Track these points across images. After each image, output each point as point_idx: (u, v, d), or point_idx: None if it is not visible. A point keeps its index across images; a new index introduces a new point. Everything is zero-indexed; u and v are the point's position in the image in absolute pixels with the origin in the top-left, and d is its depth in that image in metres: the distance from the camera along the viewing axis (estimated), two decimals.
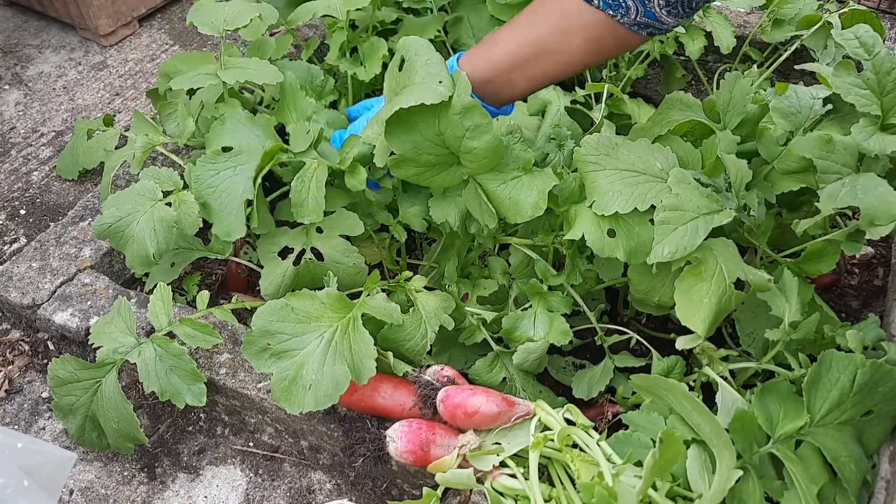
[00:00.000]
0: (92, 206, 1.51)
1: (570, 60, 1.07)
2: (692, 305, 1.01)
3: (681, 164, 1.09)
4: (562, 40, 1.05)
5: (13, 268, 1.40)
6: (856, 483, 0.99)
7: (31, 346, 1.41)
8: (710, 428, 0.92)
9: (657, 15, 0.98)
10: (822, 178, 1.12)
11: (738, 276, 1.04)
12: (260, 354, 1.07)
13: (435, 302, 1.19)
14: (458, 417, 1.06)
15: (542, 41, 1.06)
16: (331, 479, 1.24)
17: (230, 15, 1.43)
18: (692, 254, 1.01)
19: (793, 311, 1.13)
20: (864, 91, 1.14)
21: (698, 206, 1.02)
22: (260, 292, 1.53)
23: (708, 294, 1.01)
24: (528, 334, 1.18)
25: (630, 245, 1.06)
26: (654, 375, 1.05)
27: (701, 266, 1.02)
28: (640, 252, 1.06)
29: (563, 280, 1.21)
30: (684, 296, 1.02)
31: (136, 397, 1.32)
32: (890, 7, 1.94)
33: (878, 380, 1.00)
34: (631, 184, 1.05)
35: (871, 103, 1.14)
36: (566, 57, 1.07)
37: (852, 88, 1.14)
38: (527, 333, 1.18)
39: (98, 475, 1.25)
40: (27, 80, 1.97)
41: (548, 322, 1.18)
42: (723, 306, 1.03)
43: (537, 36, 1.07)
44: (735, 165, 1.09)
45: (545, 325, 1.18)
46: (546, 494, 0.96)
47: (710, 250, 1.04)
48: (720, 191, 1.08)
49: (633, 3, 0.98)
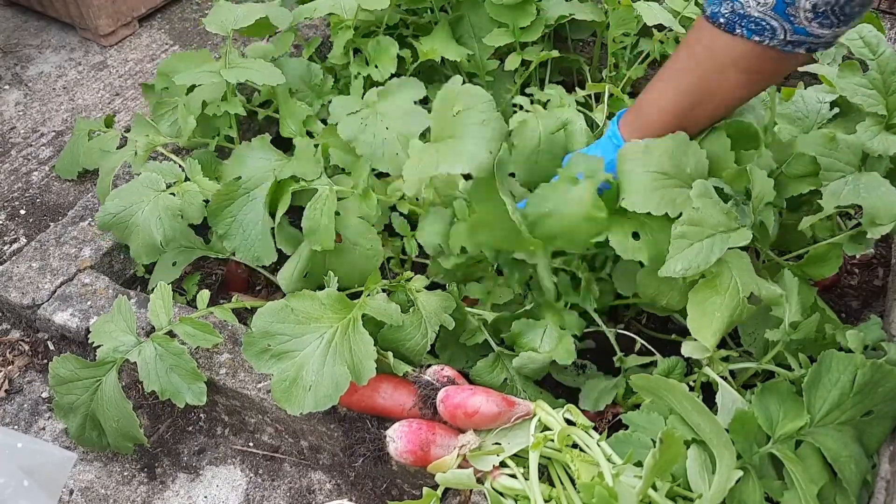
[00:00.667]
0: (92, 206, 1.51)
1: (732, 96, 1.03)
2: (705, 318, 1.00)
3: (713, 166, 1.07)
4: (719, 79, 1.01)
5: (13, 268, 1.40)
6: (856, 483, 0.99)
7: (31, 346, 1.41)
8: (710, 428, 0.92)
9: (808, 29, 0.93)
10: (825, 175, 1.12)
11: (752, 290, 1.03)
12: (260, 355, 1.07)
13: (435, 302, 1.19)
14: (458, 417, 1.06)
15: (699, 87, 1.03)
16: (331, 479, 1.24)
17: (240, 15, 1.45)
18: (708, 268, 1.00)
19: (793, 311, 1.13)
20: (871, 91, 1.15)
21: (717, 223, 1.00)
22: (260, 292, 1.53)
23: (721, 307, 1.01)
24: (533, 344, 1.17)
25: (653, 251, 1.05)
26: (654, 376, 1.05)
27: (716, 280, 1.01)
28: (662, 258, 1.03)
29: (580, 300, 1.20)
30: (697, 308, 1.01)
31: (136, 397, 1.32)
32: (890, 7, 1.94)
33: (878, 380, 1.00)
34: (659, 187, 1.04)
35: (877, 103, 1.14)
36: (727, 93, 1.03)
37: (858, 89, 1.14)
38: (532, 343, 1.17)
39: (98, 475, 1.25)
40: (27, 80, 1.97)
41: (556, 339, 1.17)
42: (734, 319, 1.02)
43: (692, 83, 1.03)
44: (761, 182, 1.07)
45: (553, 341, 1.17)
46: (546, 494, 0.97)
47: (725, 264, 1.03)
48: (739, 204, 1.06)
49: (777, 23, 0.93)
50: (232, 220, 1.27)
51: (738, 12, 0.94)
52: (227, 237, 1.27)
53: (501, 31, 1.62)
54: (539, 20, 1.61)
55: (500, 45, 1.63)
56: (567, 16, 1.65)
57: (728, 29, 0.96)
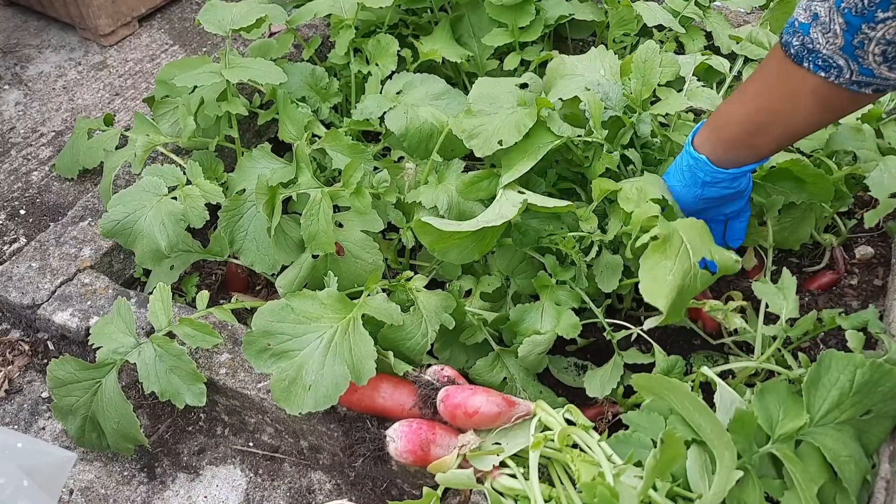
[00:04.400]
0: (92, 206, 1.51)
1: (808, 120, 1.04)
2: (656, 283, 1.00)
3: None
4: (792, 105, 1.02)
5: (13, 268, 1.40)
6: (856, 483, 0.99)
7: (31, 346, 1.41)
8: (711, 428, 0.92)
9: (875, 71, 0.93)
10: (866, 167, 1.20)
11: (704, 255, 1.04)
12: (260, 355, 1.07)
13: (435, 301, 1.19)
14: (458, 417, 1.06)
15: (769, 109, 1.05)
16: (331, 479, 1.24)
17: (237, 15, 1.44)
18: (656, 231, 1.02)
19: (790, 308, 1.14)
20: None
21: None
22: (259, 292, 1.53)
23: (672, 271, 1.01)
24: (534, 326, 1.18)
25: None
26: (656, 375, 1.05)
27: (665, 244, 1.02)
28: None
29: (570, 276, 1.21)
30: (649, 273, 1.01)
31: (135, 396, 1.32)
32: None
33: (878, 379, 1.00)
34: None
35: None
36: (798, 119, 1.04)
37: None
38: (533, 326, 1.19)
39: (98, 475, 1.25)
40: (27, 80, 1.97)
41: (555, 315, 1.19)
42: (687, 285, 1.02)
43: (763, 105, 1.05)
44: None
45: (553, 318, 1.19)
46: (546, 494, 0.96)
47: (674, 229, 1.04)
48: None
49: (844, 63, 0.93)
50: (244, 235, 1.28)
51: (808, 46, 0.95)
52: (242, 252, 1.28)
53: (501, 31, 1.63)
54: (538, 20, 1.62)
55: (500, 44, 1.63)
56: (567, 16, 1.65)
57: (797, 61, 0.97)
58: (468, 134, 1.26)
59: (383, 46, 1.55)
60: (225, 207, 1.27)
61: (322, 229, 1.19)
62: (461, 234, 1.14)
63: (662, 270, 1.01)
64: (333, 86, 1.55)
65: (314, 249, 1.20)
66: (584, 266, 1.22)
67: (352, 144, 1.32)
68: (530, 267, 1.28)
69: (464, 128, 1.27)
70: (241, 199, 1.28)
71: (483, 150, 1.24)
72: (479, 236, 1.17)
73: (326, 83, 1.55)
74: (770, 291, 1.17)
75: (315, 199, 1.21)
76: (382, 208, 1.31)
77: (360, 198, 1.23)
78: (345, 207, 1.27)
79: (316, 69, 1.55)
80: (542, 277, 1.22)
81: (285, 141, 1.40)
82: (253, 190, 1.26)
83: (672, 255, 1.02)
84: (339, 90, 1.56)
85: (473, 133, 1.26)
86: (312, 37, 1.70)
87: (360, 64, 1.56)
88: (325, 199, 1.21)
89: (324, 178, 1.38)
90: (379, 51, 1.55)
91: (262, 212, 1.19)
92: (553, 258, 1.23)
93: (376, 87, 1.51)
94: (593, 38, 1.89)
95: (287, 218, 1.26)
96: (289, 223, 1.26)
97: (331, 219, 1.21)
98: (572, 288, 1.22)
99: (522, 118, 1.22)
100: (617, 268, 1.20)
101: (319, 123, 1.47)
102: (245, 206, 1.28)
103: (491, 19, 1.63)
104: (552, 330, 1.17)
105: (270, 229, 1.20)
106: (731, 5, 1.73)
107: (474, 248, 1.19)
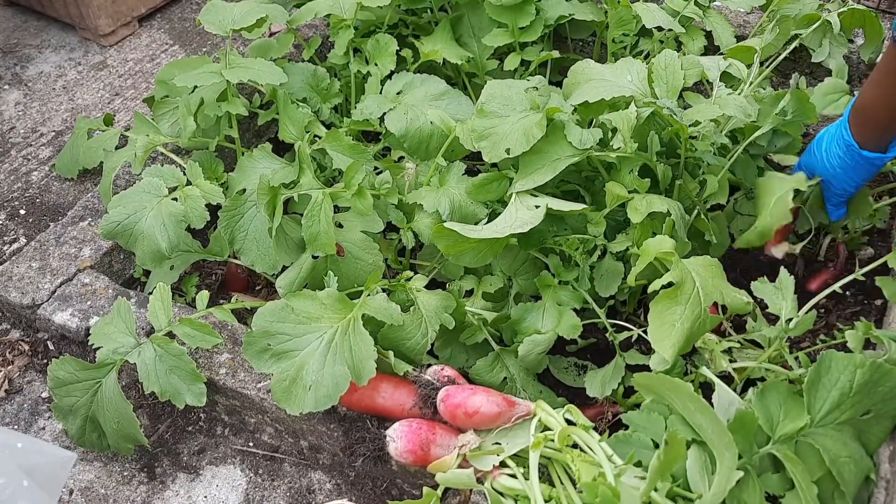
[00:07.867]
0: (92, 206, 1.50)
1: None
2: (664, 329, 1.01)
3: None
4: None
5: (13, 268, 1.40)
6: (855, 483, 0.99)
7: (31, 346, 1.41)
8: (712, 428, 0.92)
9: None
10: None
11: (716, 298, 1.04)
12: (260, 355, 1.07)
13: (435, 301, 1.19)
14: (458, 417, 1.06)
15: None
16: (331, 479, 1.24)
17: (238, 15, 1.44)
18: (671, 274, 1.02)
19: (789, 308, 1.13)
20: None
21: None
22: (259, 292, 1.53)
23: (681, 318, 1.01)
24: (535, 326, 1.19)
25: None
26: (657, 374, 1.05)
27: (678, 289, 1.02)
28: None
29: (573, 277, 1.22)
30: (657, 319, 1.02)
31: (135, 396, 1.32)
32: (890, 7, 1.94)
33: (878, 379, 1.00)
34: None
35: None
36: None
37: None
38: (534, 325, 1.19)
39: (98, 475, 1.25)
40: (27, 80, 1.97)
41: (557, 315, 1.19)
42: (695, 331, 1.03)
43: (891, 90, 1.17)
44: None
45: (554, 317, 1.19)
46: (546, 494, 0.96)
47: (688, 273, 1.04)
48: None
49: None
50: (245, 236, 1.28)
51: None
52: (242, 252, 1.28)
53: (501, 32, 1.63)
54: (538, 20, 1.62)
55: (500, 45, 1.63)
56: (567, 16, 1.65)
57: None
58: (478, 135, 1.25)
59: (382, 46, 1.55)
60: (225, 207, 1.27)
61: (323, 230, 1.19)
62: (478, 239, 1.14)
63: (672, 316, 1.02)
64: (335, 86, 1.55)
65: (315, 250, 1.20)
66: (587, 268, 1.22)
67: (352, 145, 1.32)
68: (533, 267, 1.28)
69: (474, 128, 1.26)
70: (241, 200, 1.28)
71: (491, 156, 1.23)
72: (493, 240, 1.16)
73: (328, 84, 1.55)
74: (769, 291, 1.17)
75: (316, 201, 1.21)
76: (382, 208, 1.31)
77: (362, 199, 1.23)
78: (345, 208, 1.27)
79: (317, 70, 1.55)
80: (545, 277, 1.22)
81: (285, 141, 1.40)
82: (253, 190, 1.26)
83: (683, 301, 1.02)
84: (340, 90, 1.56)
85: (484, 134, 1.25)
86: (312, 37, 1.70)
87: (359, 64, 1.56)
88: (327, 201, 1.21)
89: (324, 178, 1.38)
90: (378, 50, 1.55)
91: (264, 212, 1.19)
92: (557, 259, 1.24)
93: (376, 87, 1.51)
94: (593, 38, 1.89)
95: (288, 218, 1.26)
96: (289, 223, 1.26)
97: (332, 220, 1.21)
98: (575, 289, 1.22)
99: (532, 127, 1.20)
100: (617, 274, 1.21)
101: (320, 124, 1.47)
102: (245, 207, 1.28)
103: (491, 19, 1.63)
104: (553, 330, 1.17)
105: (272, 230, 1.20)
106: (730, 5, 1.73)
107: (489, 251, 1.20)
